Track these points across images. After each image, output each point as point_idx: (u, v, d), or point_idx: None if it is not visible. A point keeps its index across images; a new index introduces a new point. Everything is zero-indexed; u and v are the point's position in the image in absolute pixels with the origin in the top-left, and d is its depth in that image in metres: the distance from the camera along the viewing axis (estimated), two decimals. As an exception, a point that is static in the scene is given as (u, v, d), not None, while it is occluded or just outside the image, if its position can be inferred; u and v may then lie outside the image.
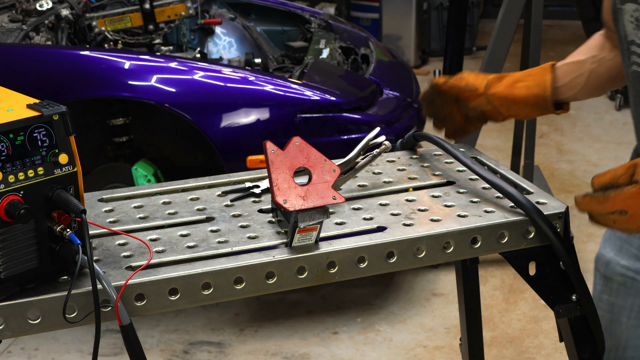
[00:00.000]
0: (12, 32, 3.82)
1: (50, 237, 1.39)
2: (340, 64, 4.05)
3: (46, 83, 3.52)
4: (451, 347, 3.47)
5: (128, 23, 4.25)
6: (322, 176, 1.51)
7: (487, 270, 4.01)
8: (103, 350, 3.42)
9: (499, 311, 3.74)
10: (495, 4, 8.34)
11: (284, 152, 1.50)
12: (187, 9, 4.32)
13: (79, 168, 1.40)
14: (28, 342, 3.53)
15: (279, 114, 3.45)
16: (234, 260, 1.49)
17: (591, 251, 4.16)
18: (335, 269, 1.53)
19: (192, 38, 4.56)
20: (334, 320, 3.68)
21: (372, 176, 1.86)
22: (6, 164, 1.33)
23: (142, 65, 3.52)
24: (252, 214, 1.68)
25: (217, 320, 3.68)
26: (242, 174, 1.87)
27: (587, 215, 1.57)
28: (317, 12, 4.68)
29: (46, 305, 1.38)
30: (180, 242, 1.57)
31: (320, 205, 1.49)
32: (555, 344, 3.49)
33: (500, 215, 1.63)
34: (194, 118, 3.42)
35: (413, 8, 7.17)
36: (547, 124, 6.01)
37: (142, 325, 3.61)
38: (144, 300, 1.43)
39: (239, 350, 3.48)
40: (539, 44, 4.06)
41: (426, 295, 3.86)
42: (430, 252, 1.58)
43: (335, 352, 3.46)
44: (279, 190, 1.48)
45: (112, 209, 1.71)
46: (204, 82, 3.50)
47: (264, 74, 3.58)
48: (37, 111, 1.37)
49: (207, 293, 1.46)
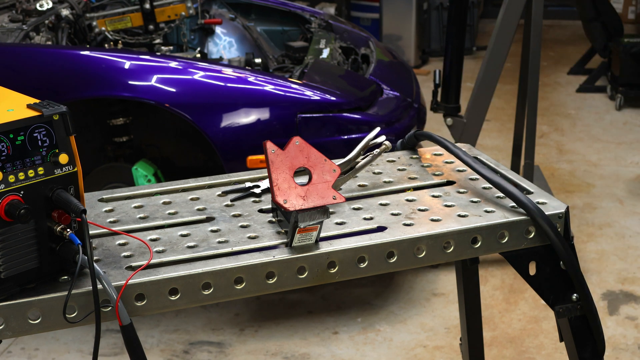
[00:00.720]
0: (12, 32, 3.82)
1: (50, 237, 1.39)
2: (341, 64, 4.05)
3: (46, 83, 3.52)
4: (451, 347, 3.47)
5: (128, 23, 4.25)
6: (322, 176, 1.51)
7: (487, 270, 4.01)
8: (103, 350, 3.42)
9: (499, 311, 3.74)
10: (496, 4, 8.35)
11: (284, 152, 1.50)
12: (187, 9, 4.33)
13: (79, 168, 1.40)
14: (28, 342, 3.53)
15: (279, 114, 3.45)
16: (234, 260, 1.49)
17: (591, 251, 4.16)
18: (336, 269, 1.53)
19: (192, 38, 4.56)
20: (334, 320, 3.68)
21: (372, 176, 1.86)
22: (6, 164, 1.33)
23: (143, 65, 3.52)
24: (253, 214, 1.68)
25: (218, 320, 3.68)
26: (242, 174, 1.87)
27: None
28: (317, 12, 4.69)
29: (46, 305, 1.38)
30: (181, 242, 1.57)
31: (321, 205, 1.49)
32: (555, 343, 3.49)
33: (501, 215, 1.63)
34: (194, 118, 3.42)
35: (413, 8, 7.17)
36: (548, 124, 6.01)
37: (142, 325, 3.61)
38: (144, 300, 1.43)
39: (239, 350, 3.48)
40: (539, 44, 4.06)
41: (426, 295, 3.86)
42: (430, 252, 1.58)
43: (335, 352, 3.46)
44: (279, 190, 1.48)
45: (112, 209, 1.71)
46: (204, 82, 3.50)
47: (264, 74, 3.58)
48: (38, 111, 1.37)
49: (207, 293, 1.46)
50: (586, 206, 4.62)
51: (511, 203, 1.67)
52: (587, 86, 6.68)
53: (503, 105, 6.28)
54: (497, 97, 5.59)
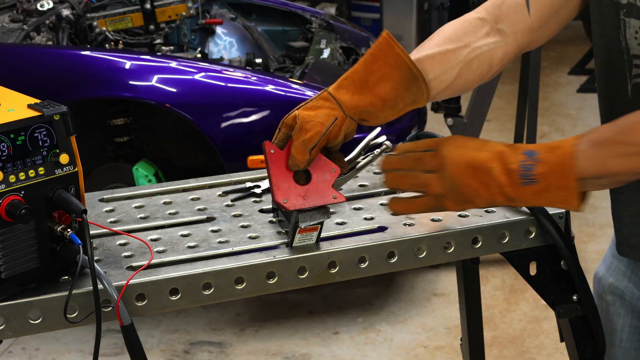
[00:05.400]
0: (13, 32, 3.82)
1: (51, 237, 1.39)
2: (341, 64, 4.05)
3: (47, 83, 3.52)
4: (452, 347, 3.47)
5: (129, 23, 4.25)
6: (322, 176, 1.51)
7: (488, 270, 4.01)
8: (104, 350, 3.42)
9: (500, 311, 3.74)
10: (496, 4, 8.34)
11: (283, 152, 1.50)
12: (187, 9, 4.33)
13: (79, 168, 1.40)
14: (29, 342, 3.53)
15: (279, 114, 3.44)
16: (235, 260, 1.49)
17: (592, 251, 4.16)
18: (336, 269, 1.53)
19: (192, 38, 4.56)
20: (334, 320, 3.68)
21: (372, 176, 1.86)
22: (7, 164, 1.33)
23: (143, 66, 3.52)
24: (253, 214, 1.68)
25: (218, 320, 3.68)
26: (243, 174, 1.87)
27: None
28: (318, 12, 4.68)
29: (47, 305, 1.38)
30: (181, 242, 1.57)
31: (321, 205, 1.49)
32: (556, 344, 3.49)
33: (501, 215, 1.63)
34: (194, 118, 3.42)
35: (414, 8, 7.17)
36: (548, 124, 6.01)
37: (143, 325, 3.61)
38: (144, 300, 1.43)
39: (240, 350, 3.49)
40: (540, 44, 4.06)
41: (427, 295, 3.86)
42: (431, 252, 1.57)
43: (336, 352, 3.46)
44: (279, 190, 1.48)
45: (112, 209, 1.71)
46: (204, 82, 3.50)
47: (264, 74, 3.58)
48: (38, 111, 1.37)
49: (208, 293, 1.46)
50: (587, 206, 4.61)
51: (512, 203, 1.66)
52: (588, 86, 6.67)
53: (504, 105, 6.28)
54: (497, 97, 5.58)
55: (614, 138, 1.38)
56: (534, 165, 1.39)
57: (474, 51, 1.54)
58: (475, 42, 1.54)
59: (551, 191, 1.41)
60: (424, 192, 1.46)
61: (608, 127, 1.42)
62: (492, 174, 1.41)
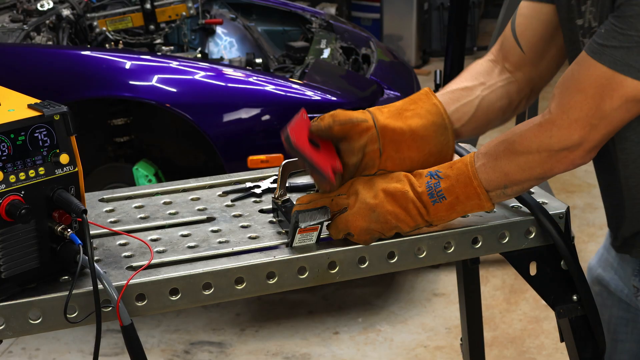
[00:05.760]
0: (13, 32, 3.82)
1: (51, 237, 1.39)
2: (341, 64, 4.05)
3: (47, 83, 3.52)
4: (452, 347, 3.47)
5: (129, 23, 4.25)
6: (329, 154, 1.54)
7: (488, 270, 4.01)
8: (104, 350, 3.42)
9: (500, 311, 3.74)
10: (496, 4, 8.34)
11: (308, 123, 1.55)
12: (188, 9, 4.33)
13: (79, 168, 1.41)
14: (29, 342, 3.53)
15: (279, 114, 3.45)
16: (235, 260, 1.49)
17: (592, 251, 4.15)
18: (336, 269, 1.53)
19: (193, 38, 4.56)
20: (334, 320, 3.68)
21: (373, 176, 1.86)
22: (7, 164, 1.33)
23: (143, 66, 3.52)
24: (253, 214, 1.69)
25: (218, 320, 3.68)
26: (243, 174, 1.87)
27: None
28: (318, 12, 4.68)
29: (47, 305, 1.38)
30: (181, 242, 1.57)
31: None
32: (556, 344, 3.49)
33: (501, 215, 1.63)
34: (195, 118, 3.42)
35: (414, 8, 7.16)
36: (548, 124, 6.01)
37: (143, 325, 3.61)
38: (144, 300, 1.43)
39: (240, 350, 3.49)
40: (540, 44, 4.06)
41: (427, 295, 3.86)
42: (431, 252, 1.58)
43: (336, 352, 3.46)
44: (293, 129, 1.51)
45: (113, 209, 1.71)
46: (205, 82, 3.50)
47: (264, 74, 3.58)
48: (38, 111, 1.38)
49: (208, 293, 1.47)
50: (587, 206, 4.62)
51: (512, 203, 1.67)
52: (587, 86, 6.66)
53: (504, 105, 6.27)
54: (497, 97, 5.58)
55: (509, 148, 1.47)
56: (439, 182, 1.49)
57: (490, 87, 1.66)
58: (489, 81, 1.67)
59: (461, 202, 1.50)
60: (350, 233, 1.51)
61: (501, 140, 1.50)
62: (408, 197, 1.49)
